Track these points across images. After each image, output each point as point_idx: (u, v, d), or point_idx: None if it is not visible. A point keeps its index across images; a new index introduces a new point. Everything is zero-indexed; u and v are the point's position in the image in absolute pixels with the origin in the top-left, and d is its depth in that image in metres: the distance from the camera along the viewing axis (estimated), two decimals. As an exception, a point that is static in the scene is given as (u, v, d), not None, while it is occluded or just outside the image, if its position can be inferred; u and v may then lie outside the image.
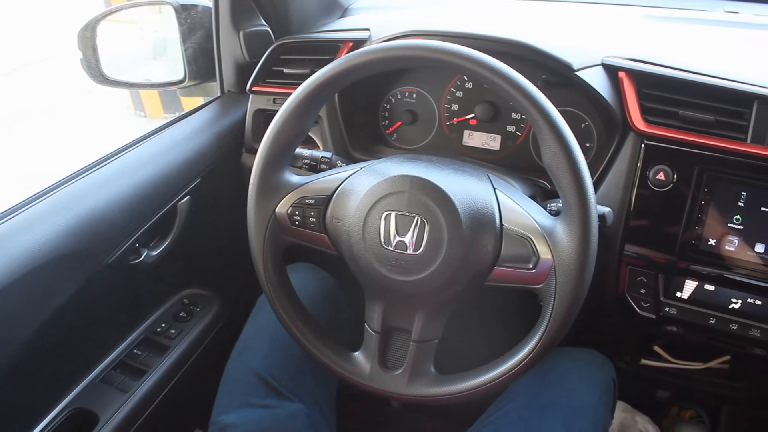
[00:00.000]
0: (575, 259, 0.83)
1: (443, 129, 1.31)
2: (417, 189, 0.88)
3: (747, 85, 1.06)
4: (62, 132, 4.81)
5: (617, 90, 1.11)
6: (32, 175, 3.86)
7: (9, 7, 7.38)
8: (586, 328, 1.28)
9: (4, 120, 5.27)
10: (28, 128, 5.18)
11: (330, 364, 0.98)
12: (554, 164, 0.83)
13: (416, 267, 0.88)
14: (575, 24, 1.48)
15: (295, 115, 0.93)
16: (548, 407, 1.05)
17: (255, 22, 1.42)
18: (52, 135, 4.80)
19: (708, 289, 1.10)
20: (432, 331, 0.94)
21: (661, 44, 1.33)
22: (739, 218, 1.05)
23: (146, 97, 4.84)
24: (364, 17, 1.53)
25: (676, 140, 1.07)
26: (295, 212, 0.96)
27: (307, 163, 1.11)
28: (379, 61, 0.88)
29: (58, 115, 5.26)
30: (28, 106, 5.53)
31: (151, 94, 4.75)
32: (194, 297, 1.39)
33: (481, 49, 0.88)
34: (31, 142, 4.82)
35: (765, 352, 1.11)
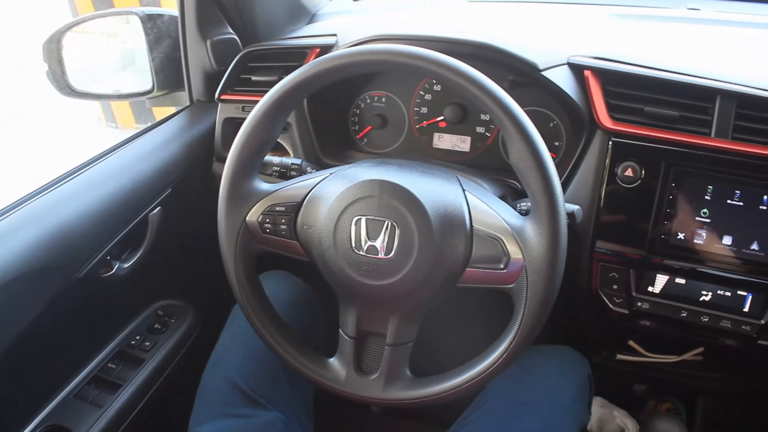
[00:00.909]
0: (545, 257, 0.83)
1: (413, 132, 1.32)
2: (386, 193, 0.88)
3: (709, 81, 1.08)
4: (30, 146, 4.75)
5: (583, 88, 1.12)
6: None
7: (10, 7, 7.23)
8: (562, 325, 1.29)
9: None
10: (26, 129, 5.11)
11: (305, 371, 0.98)
12: (521, 164, 0.84)
13: (388, 271, 0.88)
14: (542, 24, 1.50)
15: (263, 123, 0.93)
16: (525, 406, 1.06)
17: (222, 30, 1.42)
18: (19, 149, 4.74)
19: (679, 282, 1.11)
20: (406, 335, 0.94)
21: (626, 42, 1.35)
22: (706, 212, 1.07)
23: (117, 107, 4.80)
24: (332, 23, 1.53)
25: (643, 136, 1.08)
26: (265, 220, 0.96)
27: (277, 171, 1.10)
28: (344, 67, 0.88)
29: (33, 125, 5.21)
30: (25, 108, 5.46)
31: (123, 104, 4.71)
32: (168, 308, 1.37)
33: (448, 51, 0.89)
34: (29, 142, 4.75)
35: (736, 342, 1.13)
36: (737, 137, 1.05)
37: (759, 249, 1.05)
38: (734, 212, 1.06)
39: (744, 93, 1.06)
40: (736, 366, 1.32)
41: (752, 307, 1.08)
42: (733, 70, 1.14)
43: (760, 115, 1.05)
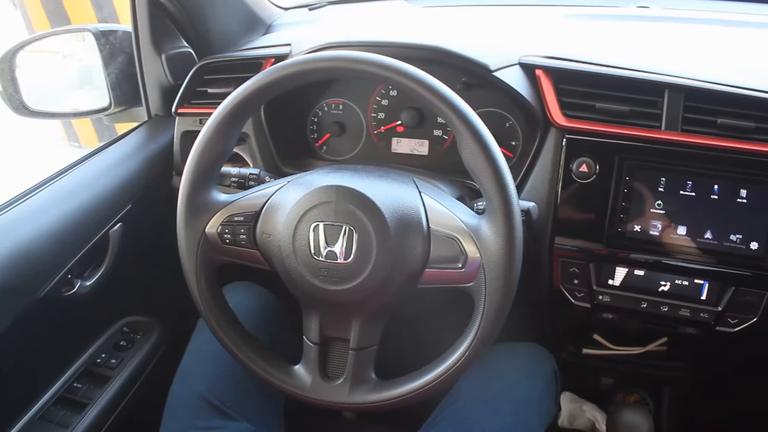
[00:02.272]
0: (502, 255, 0.84)
1: (372, 138, 1.33)
2: (343, 198, 0.88)
3: (658, 75, 1.11)
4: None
5: (536, 87, 1.14)
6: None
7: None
8: (527, 322, 1.31)
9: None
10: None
11: (271, 380, 0.98)
12: (474, 164, 0.85)
13: (348, 275, 0.88)
14: (495, 27, 1.52)
15: (217, 134, 0.93)
16: (492, 404, 1.07)
17: (176, 44, 1.41)
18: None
19: (638, 274, 1.13)
20: (370, 338, 0.95)
21: (578, 41, 1.38)
22: (660, 203, 1.09)
23: (79, 126, 4.73)
24: (287, 33, 1.53)
25: (596, 132, 1.10)
26: (225, 231, 0.96)
27: (235, 181, 1.11)
28: (294, 75, 0.89)
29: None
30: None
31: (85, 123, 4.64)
32: (134, 324, 1.36)
33: (400, 56, 0.90)
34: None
35: (695, 330, 1.15)
36: (687, 129, 1.08)
37: (713, 237, 1.08)
38: (687, 203, 1.08)
39: (691, 86, 1.09)
40: (698, 353, 1.35)
41: (709, 294, 1.11)
42: (680, 64, 1.16)
43: (707, 107, 1.08)
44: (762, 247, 1.06)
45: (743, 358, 1.30)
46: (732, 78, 1.11)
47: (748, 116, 1.06)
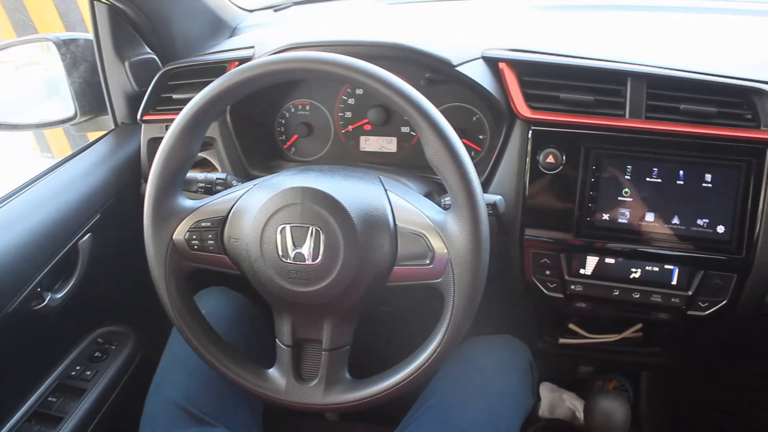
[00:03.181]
0: (469, 249, 0.84)
1: (339, 137, 1.32)
2: (309, 199, 0.88)
3: (620, 64, 1.11)
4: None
5: (500, 81, 1.14)
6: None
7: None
8: (501, 315, 1.31)
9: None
10: None
11: (245, 384, 0.98)
12: (437, 160, 0.85)
13: (316, 276, 0.88)
14: (460, 21, 1.52)
15: (181, 140, 0.92)
16: (469, 398, 1.07)
17: (140, 50, 1.40)
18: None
19: (609, 262, 1.14)
20: (342, 338, 0.95)
21: (542, 33, 1.38)
22: (627, 191, 1.10)
23: (52, 136, 4.68)
24: (252, 35, 1.52)
25: (561, 123, 1.11)
26: (192, 237, 0.95)
27: (202, 187, 1.10)
28: (255, 78, 0.88)
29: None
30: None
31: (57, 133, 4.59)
32: (108, 335, 1.35)
33: (362, 54, 0.89)
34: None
35: (668, 315, 1.16)
36: (650, 116, 1.08)
37: (680, 223, 1.09)
38: (654, 189, 1.09)
39: (653, 74, 1.10)
40: (673, 339, 1.36)
41: (679, 279, 1.12)
42: (643, 53, 1.17)
43: (669, 93, 1.09)
44: (728, 230, 1.07)
45: (716, 341, 1.31)
46: (693, 64, 1.12)
47: (709, 101, 1.07)
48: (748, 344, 1.41)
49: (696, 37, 1.39)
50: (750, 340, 1.33)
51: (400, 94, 0.84)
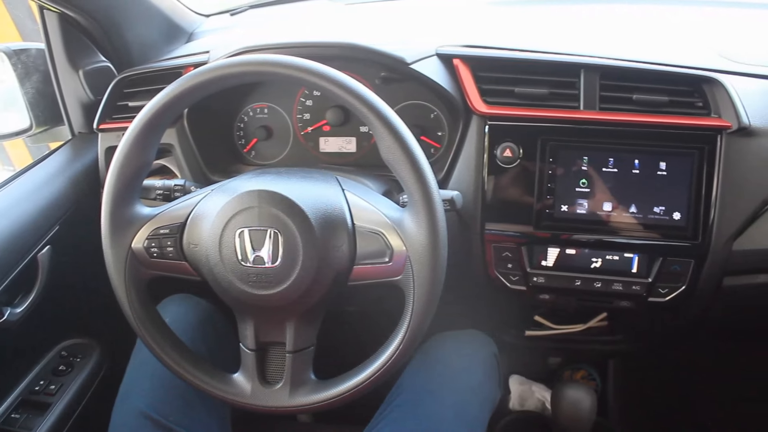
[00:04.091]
0: (426, 245, 0.85)
1: (299, 139, 1.32)
2: (266, 202, 0.88)
3: (573, 56, 1.13)
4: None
5: (455, 77, 1.15)
6: None
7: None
8: (467, 310, 1.32)
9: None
10: None
11: (210, 390, 0.97)
12: (391, 157, 0.85)
13: (276, 279, 0.88)
14: (416, 19, 1.52)
15: (135, 147, 0.91)
16: (436, 393, 1.07)
17: (94, 59, 1.39)
18: None
19: (570, 253, 1.15)
20: (306, 339, 0.94)
21: (499, 28, 1.40)
22: (585, 182, 1.11)
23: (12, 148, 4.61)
24: (208, 39, 1.52)
25: (516, 117, 1.12)
26: (151, 244, 0.95)
27: (160, 194, 1.09)
28: (206, 83, 0.88)
29: None
30: None
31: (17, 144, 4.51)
32: (73, 347, 1.33)
33: (316, 55, 0.89)
34: None
35: (630, 303, 1.17)
36: (604, 107, 1.10)
37: (637, 211, 1.10)
38: (610, 179, 1.10)
39: (605, 65, 1.11)
40: (636, 325, 1.38)
41: (639, 267, 1.13)
42: (596, 44, 1.19)
43: (622, 84, 1.11)
44: (684, 216, 1.09)
45: (679, 326, 1.33)
46: (645, 55, 1.14)
47: (661, 91, 1.10)
48: (710, 327, 1.43)
49: (648, 28, 1.41)
50: (711, 324, 1.36)
51: (351, 93, 0.84)
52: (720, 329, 1.45)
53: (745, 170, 1.08)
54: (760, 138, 1.09)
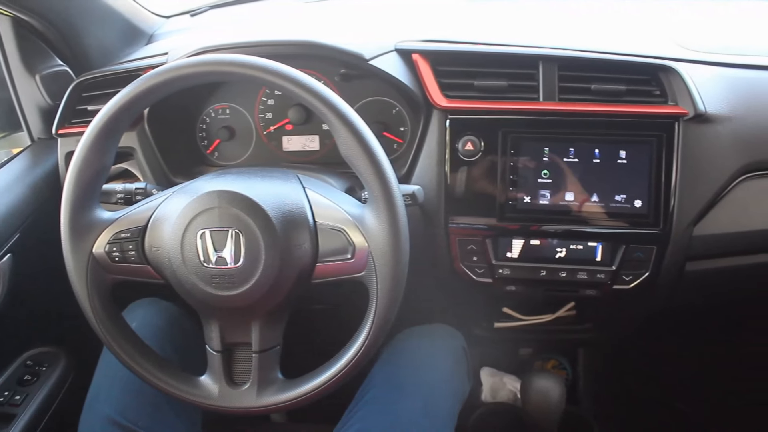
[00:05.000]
0: (387, 241, 0.85)
1: (262, 139, 1.31)
2: (226, 202, 0.87)
3: (531, 48, 1.14)
4: None
5: (414, 72, 1.15)
6: None
7: None
8: (435, 304, 1.32)
9: None
10: None
11: (177, 393, 0.96)
12: (350, 154, 0.85)
13: (240, 279, 0.87)
14: (376, 15, 1.52)
15: (92, 151, 0.90)
16: (404, 388, 1.07)
17: (51, 63, 1.37)
18: None
19: (534, 244, 1.16)
20: (272, 339, 0.94)
21: (458, 22, 1.40)
22: (546, 173, 1.12)
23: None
24: (168, 41, 1.50)
25: (477, 110, 1.12)
26: (113, 249, 0.93)
27: (121, 198, 1.08)
28: (161, 84, 0.87)
29: None
30: None
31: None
32: (38, 356, 1.31)
33: (273, 54, 0.89)
34: None
35: (595, 291, 1.18)
36: (563, 98, 1.11)
37: (599, 200, 1.11)
38: (572, 169, 1.11)
39: (563, 56, 1.12)
40: (603, 314, 1.39)
41: (603, 255, 1.14)
42: (554, 36, 1.20)
43: (580, 74, 1.12)
44: (645, 204, 1.10)
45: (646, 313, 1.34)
46: (602, 45, 1.15)
47: (619, 80, 1.11)
48: (677, 313, 1.45)
49: (607, 20, 1.42)
50: (676, 309, 1.37)
51: (307, 90, 0.84)
52: (684, 314, 1.47)
53: (702, 157, 1.10)
54: (716, 124, 1.10)
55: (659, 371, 1.77)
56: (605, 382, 1.59)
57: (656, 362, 1.75)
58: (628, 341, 1.59)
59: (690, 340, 1.69)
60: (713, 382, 1.73)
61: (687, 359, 1.78)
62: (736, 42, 1.31)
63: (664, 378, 1.76)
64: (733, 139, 1.11)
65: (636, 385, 1.71)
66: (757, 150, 1.12)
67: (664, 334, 1.65)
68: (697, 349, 1.76)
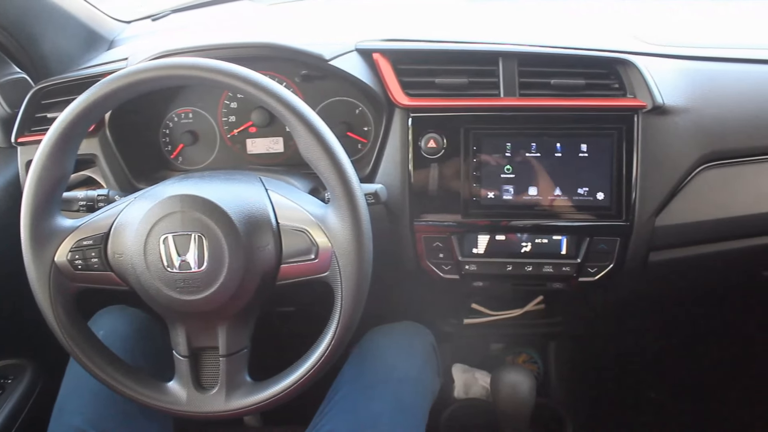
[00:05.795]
0: (350, 240, 0.85)
1: (226, 142, 1.31)
2: (189, 206, 0.87)
3: (491, 45, 1.15)
4: None
5: (376, 71, 1.15)
6: None
7: None
8: (404, 302, 1.33)
9: None
10: None
11: (145, 400, 0.96)
12: (311, 155, 0.85)
13: (204, 283, 0.87)
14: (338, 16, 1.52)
15: (51, 159, 0.89)
16: (374, 387, 1.08)
17: (8, 71, 1.35)
18: None
19: (499, 239, 1.17)
20: (239, 342, 0.94)
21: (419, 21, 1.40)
22: (509, 168, 1.13)
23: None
24: (128, 46, 1.49)
25: (439, 107, 1.13)
26: (75, 257, 0.93)
27: (84, 205, 1.07)
28: (118, 90, 0.87)
29: None
30: None
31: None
32: (3, 369, 1.29)
33: (233, 56, 0.89)
34: None
35: (562, 284, 1.19)
36: (524, 93, 1.12)
37: (562, 194, 1.12)
38: (534, 164, 1.12)
39: (523, 52, 1.13)
40: (572, 306, 1.40)
41: (568, 248, 1.16)
42: (513, 32, 1.21)
43: (540, 70, 1.13)
44: (608, 196, 1.12)
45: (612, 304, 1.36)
46: (562, 40, 1.17)
47: (578, 74, 1.12)
48: (645, 304, 1.47)
49: (566, 15, 1.44)
50: (646, 300, 1.39)
51: (265, 91, 0.84)
52: (653, 305, 1.49)
53: (662, 148, 1.12)
54: (675, 116, 1.12)
55: (630, 361, 1.79)
56: (577, 374, 1.61)
57: (627, 353, 1.77)
58: (598, 332, 1.61)
59: (660, 330, 1.71)
60: (684, 372, 1.75)
61: (658, 349, 1.80)
62: (694, 35, 1.33)
63: (635, 368, 1.78)
64: (692, 131, 1.13)
65: (607, 375, 1.72)
66: (714, 140, 1.13)
67: (633, 325, 1.67)
68: (667, 339, 1.79)
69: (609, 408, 1.69)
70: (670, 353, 1.78)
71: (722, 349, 1.75)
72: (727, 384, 1.74)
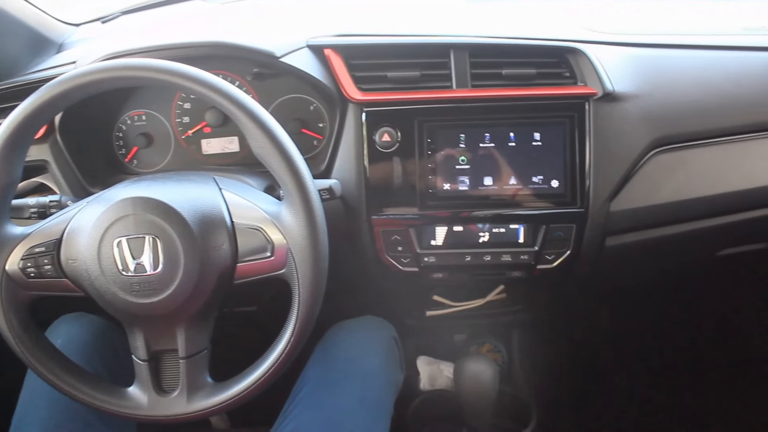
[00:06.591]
0: (305, 236, 0.85)
1: (180, 144, 1.29)
2: (141, 209, 0.86)
3: (441, 37, 1.15)
4: None
5: (328, 67, 1.15)
6: None
7: None
8: (365, 297, 1.33)
9: None
10: None
11: (106, 407, 0.95)
12: (262, 152, 0.85)
13: (160, 285, 0.86)
14: (292, 13, 1.52)
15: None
16: (338, 383, 1.08)
17: (-49, 78, 1.32)
18: None
19: (457, 230, 1.17)
20: (198, 343, 0.93)
21: (372, 16, 1.40)
22: (464, 159, 1.13)
23: None
24: (77, 50, 1.46)
25: (391, 101, 1.13)
26: (27, 265, 0.91)
27: (35, 212, 1.05)
28: (64, 94, 0.86)
29: None
30: None
31: None
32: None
33: (182, 56, 0.89)
34: None
35: (521, 273, 1.20)
36: (476, 84, 1.13)
37: (517, 182, 1.14)
38: (488, 154, 1.13)
39: (473, 43, 1.14)
40: (532, 294, 1.42)
41: (525, 236, 1.17)
42: (464, 24, 1.22)
43: (491, 60, 1.14)
44: (562, 183, 1.13)
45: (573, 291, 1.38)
46: (512, 31, 1.18)
47: (529, 64, 1.14)
48: (604, 288, 1.49)
49: (517, 6, 1.45)
50: (604, 284, 1.41)
51: (213, 90, 0.83)
52: (611, 290, 1.51)
53: (613, 134, 1.13)
54: (625, 102, 1.14)
55: (594, 348, 1.81)
56: (541, 361, 1.63)
57: (591, 339, 1.80)
58: (560, 320, 1.63)
59: (623, 315, 1.74)
60: (649, 357, 1.78)
61: (621, 335, 1.83)
62: (642, 23, 1.35)
63: (599, 354, 1.81)
64: (642, 116, 1.15)
65: (572, 363, 1.75)
66: (664, 125, 1.15)
67: (595, 311, 1.70)
68: (629, 324, 1.81)
69: (574, 395, 1.71)
70: (633, 339, 1.81)
71: (684, 333, 1.78)
72: (692, 367, 1.77)
